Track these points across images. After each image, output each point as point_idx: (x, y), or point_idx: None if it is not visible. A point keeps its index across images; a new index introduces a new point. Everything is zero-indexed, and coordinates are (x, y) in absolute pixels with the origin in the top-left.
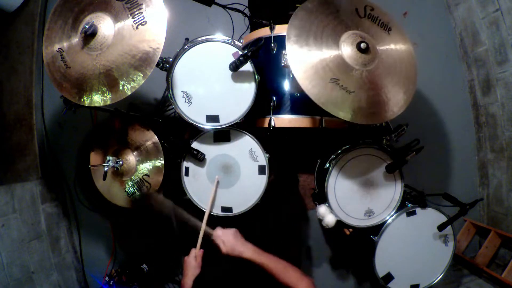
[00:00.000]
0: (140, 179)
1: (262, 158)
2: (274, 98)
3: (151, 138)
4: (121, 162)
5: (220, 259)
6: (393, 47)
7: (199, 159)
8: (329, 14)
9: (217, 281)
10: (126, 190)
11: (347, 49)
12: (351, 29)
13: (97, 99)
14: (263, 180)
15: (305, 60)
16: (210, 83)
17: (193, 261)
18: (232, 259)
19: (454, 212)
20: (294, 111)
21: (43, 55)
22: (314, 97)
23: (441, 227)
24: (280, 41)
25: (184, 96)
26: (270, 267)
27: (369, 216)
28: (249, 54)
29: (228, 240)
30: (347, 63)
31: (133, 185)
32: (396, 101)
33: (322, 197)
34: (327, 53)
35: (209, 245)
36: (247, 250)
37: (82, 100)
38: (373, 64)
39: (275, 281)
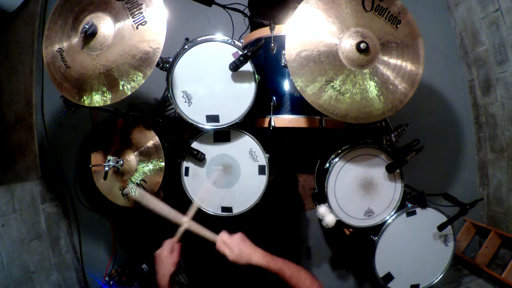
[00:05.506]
0: (137, 182)
1: (262, 158)
2: (274, 98)
3: (152, 138)
4: (121, 161)
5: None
6: (394, 61)
7: (199, 159)
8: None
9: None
10: (123, 191)
11: (345, 47)
12: (352, 27)
13: (97, 99)
14: (263, 180)
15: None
16: (210, 83)
17: (168, 257)
18: (238, 267)
19: (454, 212)
20: (294, 111)
21: (43, 55)
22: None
23: (441, 227)
24: (280, 41)
25: (184, 96)
26: (283, 272)
27: (369, 216)
28: (249, 54)
29: (237, 246)
30: (343, 63)
31: (132, 186)
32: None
33: (322, 197)
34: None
35: (201, 244)
36: (256, 256)
37: (82, 100)
38: (369, 67)
39: (284, 285)
